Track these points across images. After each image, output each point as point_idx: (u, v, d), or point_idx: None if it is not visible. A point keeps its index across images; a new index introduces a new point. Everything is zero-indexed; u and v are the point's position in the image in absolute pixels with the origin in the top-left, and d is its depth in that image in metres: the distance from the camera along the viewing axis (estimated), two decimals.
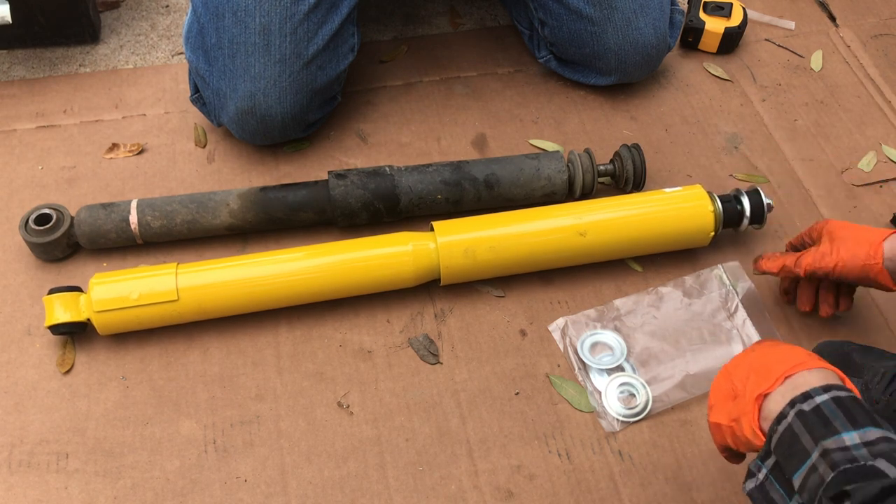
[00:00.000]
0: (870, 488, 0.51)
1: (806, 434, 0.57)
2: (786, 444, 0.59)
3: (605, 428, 0.95)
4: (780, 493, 0.59)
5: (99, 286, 0.94)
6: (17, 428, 0.92)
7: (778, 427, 0.60)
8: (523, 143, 1.25)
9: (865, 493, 0.51)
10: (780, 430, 0.59)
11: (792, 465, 0.58)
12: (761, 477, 0.61)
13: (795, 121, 1.31)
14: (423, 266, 1.01)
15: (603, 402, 0.96)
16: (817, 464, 0.55)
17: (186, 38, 1.14)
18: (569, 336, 1.01)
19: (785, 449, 0.59)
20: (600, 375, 0.98)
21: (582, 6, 1.20)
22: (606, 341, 1.01)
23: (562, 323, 1.03)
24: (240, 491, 0.89)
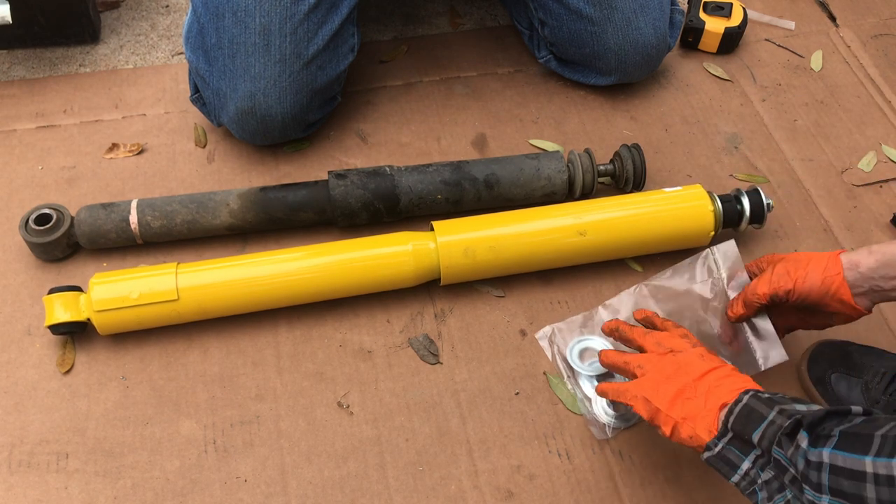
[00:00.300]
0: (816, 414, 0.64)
1: (762, 405, 0.70)
2: (743, 417, 0.71)
3: (595, 436, 0.94)
4: (736, 453, 0.71)
5: (99, 286, 0.94)
6: (17, 428, 0.92)
7: (735, 408, 0.72)
8: (523, 143, 1.25)
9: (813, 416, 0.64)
10: (736, 410, 0.72)
11: (751, 427, 0.69)
12: (717, 449, 0.72)
13: (795, 121, 1.31)
14: (423, 266, 1.01)
15: (593, 408, 0.96)
16: (774, 419, 0.68)
17: (186, 38, 1.14)
18: (556, 344, 1.01)
19: (742, 420, 0.71)
20: (590, 382, 0.98)
21: (582, 6, 1.20)
22: (595, 347, 1.00)
23: (549, 331, 1.02)
24: (240, 491, 0.89)
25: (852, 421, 0.62)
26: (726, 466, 0.72)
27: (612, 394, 0.84)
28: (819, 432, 0.62)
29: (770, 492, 0.68)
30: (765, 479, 0.68)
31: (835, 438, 0.61)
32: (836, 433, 0.61)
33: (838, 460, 0.59)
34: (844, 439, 0.60)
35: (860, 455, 0.57)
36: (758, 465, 0.69)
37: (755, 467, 0.70)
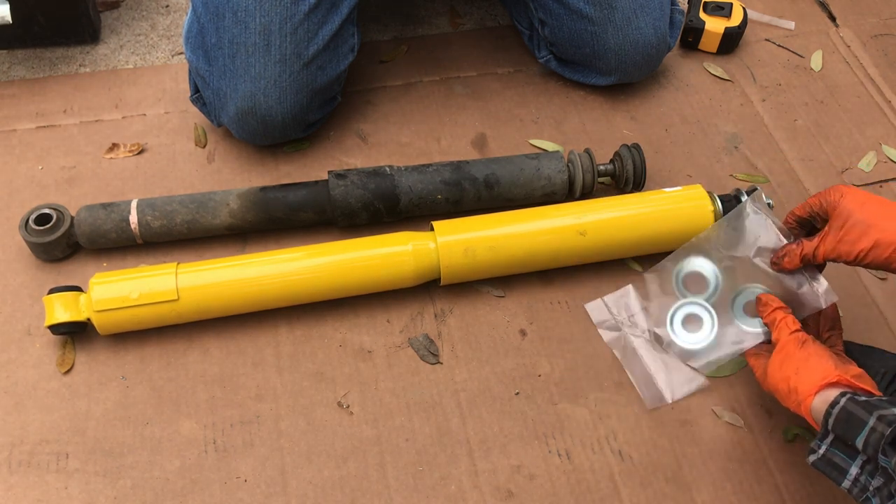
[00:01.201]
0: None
1: (860, 409, 0.71)
2: (843, 421, 0.72)
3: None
4: (842, 457, 0.73)
5: (99, 286, 0.94)
6: (17, 428, 0.92)
7: (833, 410, 0.73)
8: (523, 143, 1.25)
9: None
10: (834, 412, 0.73)
11: (852, 433, 0.70)
12: (822, 451, 0.75)
13: (795, 121, 1.31)
14: (423, 266, 1.01)
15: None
16: (875, 426, 0.68)
17: (186, 38, 1.14)
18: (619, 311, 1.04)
19: (843, 424, 0.72)
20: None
21: (582, 6, 1.20)
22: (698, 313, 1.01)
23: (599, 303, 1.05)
24: (240, 491, 0.89)
25: None
26: (835, 471, 0.73)
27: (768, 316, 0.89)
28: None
29: (882, 499, 0.68)
30: (876, 485, 0.69)
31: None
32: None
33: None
34: None
35: None
36: (866, 472, 0.70)
37: (864, 473, 0.71)
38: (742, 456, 0.94)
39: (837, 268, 1.12)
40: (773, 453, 0.94)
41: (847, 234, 0.84)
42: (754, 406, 0.98)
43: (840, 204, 0.85)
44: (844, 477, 0.72)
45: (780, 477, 0.93)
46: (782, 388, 0.82)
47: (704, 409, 0.97)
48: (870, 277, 1.11)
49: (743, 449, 0.94)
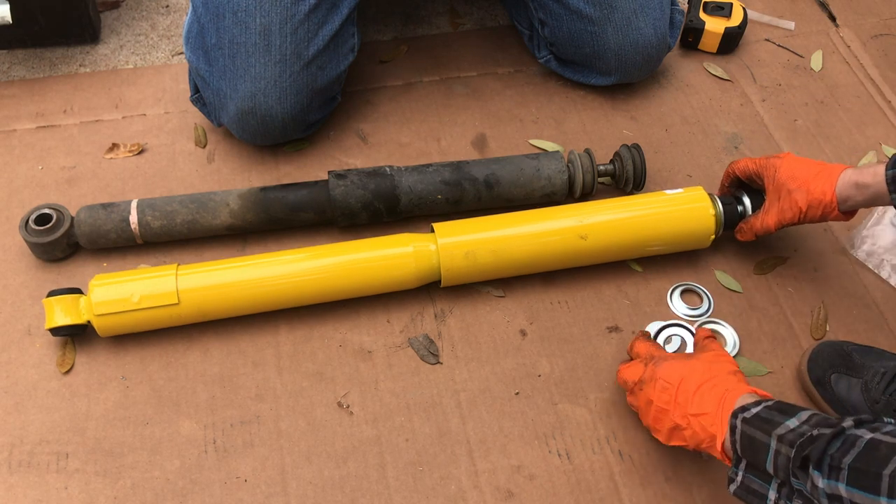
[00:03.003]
0: (819, 444, 0.65)
1: (758, 432, 0.72)
2: (748, 445, 0.73)
3: None
4: (758, 482, 0.73)
5: (99, 288, 0.94)
6: (17, 428, 0.92)
7: (735, 436, 0.74)
8: (523, 143, 1.25)
9: (818, 449, 0.65)
10: (737, 437, 0.74)
11: (759, 458, 0.71)
12: (739, 479, 0.74)
13: (795, 121, 1.31)
14: (424, 268, 1.01)
15: None
16: (779, 448, 0.69)
17: (186, 39, 1.14)
18: None
19: (748, 449, 0.73)
20: None
21: (582, 6, 1.20)
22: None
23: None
24: (240, 491, 0.89)
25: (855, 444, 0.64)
26: (755, 498, 0.73)
27: (629, 373, 0.90)
28: (829, 463, 0.64)
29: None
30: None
31: (845, 472, 0.62)
32: (844, 466, 0.63)
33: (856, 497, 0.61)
34: (855, 476, 0.62)
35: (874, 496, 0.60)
36: (784, 495, 0.70)
37: (782, 497, 0.71)
38: None
39: (838, 268, 1.12)
40: None
41: (784, 203, 0.98)
42: None
43: (776, 178, 0.99)
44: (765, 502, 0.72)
45: None
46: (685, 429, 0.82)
47: None
48: (870, 277, 1.11)
49: None
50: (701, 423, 0.79)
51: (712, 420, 0.78)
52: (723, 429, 0.77)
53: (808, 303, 1.08)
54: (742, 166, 1.05)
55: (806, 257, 1.12)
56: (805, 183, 0.97)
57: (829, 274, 1.11)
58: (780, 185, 0.99)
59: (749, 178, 1.04)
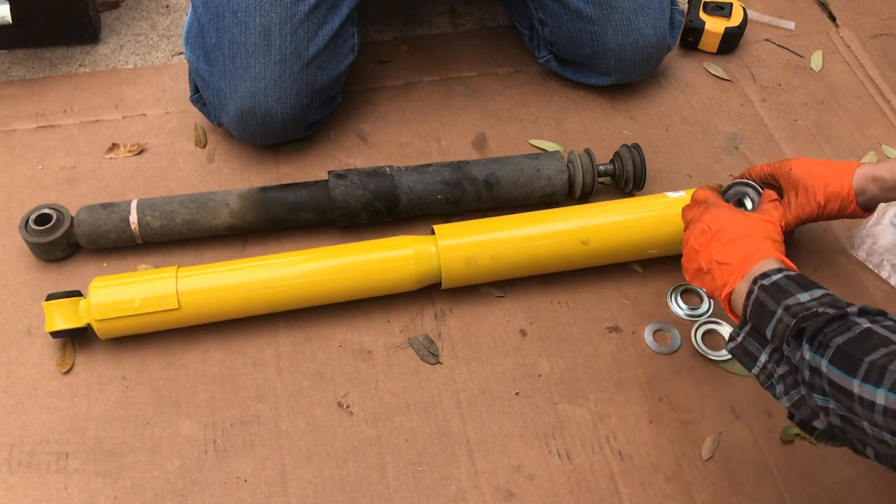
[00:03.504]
0: (819, 320, 0.68)
1: (770, 300, 0.74)
2: (757, 310, 0.76)
3: None
4: (755, 345, 0.77)
5: (98, 292, 0.94)
6: (17, 428, 0.92)
7: (748, 301, 0.77)
8: (523, 143, 1.25)
9: (816, 324, 0.68)
10: (750, 303, 0.77)
11: (763, 323, 0.75)
12: (740, 339, 0.79)
13: (795, 121, 1.31)
14: (424, 271, 1.00)
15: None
16: (782, 317, 0.72)
17: (186, 39, 1.14)
18: None
19: (756, 313, 0.76)
20: None
21: (582, 6, 1.20)
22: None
23: None
24: (240, 491, 0.89)
25: (851, 329, 0.66)
26: (747, 358, 0.78)
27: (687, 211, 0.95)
28: (821, 339, 0.67)
29: (786, 386, 0.72)
30: (781, 373, 0.73)
31: (831, 350, 0.66)
32: (833, 345, 0.66)
33: (833, 375, 0.65)
34: (838, 356, 0.65)
35: (850, 377, 0.63)
36: (774, 359, 0.75)
37: (771, 361, 0.75)
38: (742, 456, 0.94)
39: (838, 268, 1.12)
40: (773, 453, 0.94)
41: (802, 199, 0.98)
42: (754, 406, 0.98)
43: (791, 176, 1.00)
44: (755, 364, 0.76)
45: (780, 477, 0.93)
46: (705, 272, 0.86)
47: (705, 408, 0.97)
48: (870, 277, 1.11)
49: (743, 449, 0.94)
50: (722, 271, 0.82)
51: (731, 271, 0.81)
52: (735, 281, 0.80)
53: None
54: (757, 170, 1.05)
55: (806, 257, 1.12)
56: (822, 178, 0.97)
57: (829, 274, 1.11)
58: (797, 181, 0.99)
59: (764, 179, 1.04)
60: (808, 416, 0.71)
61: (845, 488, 0.92)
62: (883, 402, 0.60)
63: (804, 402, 0.71)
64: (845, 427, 0.66)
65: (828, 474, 0.93)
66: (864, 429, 0.63)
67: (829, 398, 0.66)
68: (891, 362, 0.61)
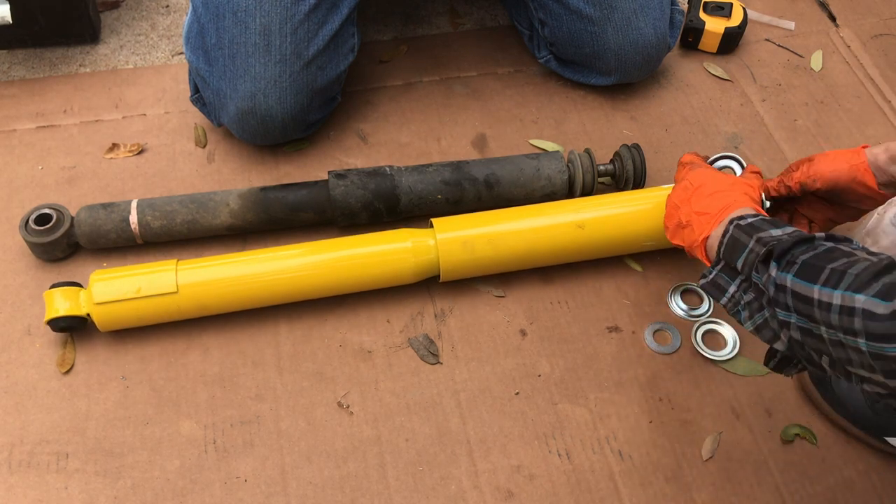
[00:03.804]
0: (787, 242, 0.71)
1: (744, 234, 0.77)
2: (730, 247, 0.78)
3: None
4: (725, 279, 0.79)
5: (99, 281, 0.94)
6: (17, 428, 0.92)
7: (723, 239, 0.80)
8: (523, 143, 1.25)
9: (783, 245, 0.71)
10: (725, 241, 0.79)
11: (735, 255, 0.77)
12: (711, 276, 0.81)
13: (795, 121, 1.31)
14: (423, 262, 1.01)
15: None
16: (753, 247, 0.75)
17: (186, 39, 1.14)
18: None
19: (729, 249, 0.79)
20: None
21: (582, 6, 1.20)
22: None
23: None
24: (240, 491, 0.89)
25: (817, 248, 0.69)
26: (717, 291, 0.80)
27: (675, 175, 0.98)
28: (787, 259, 0.70)
29: (751, 311, 0.75)
30: (747, 300, 0.76)
31: (797, 266, 0.68)
32: (799, 261, 0.68)
33: (797, 287, 0.67)
34: (803, 268, 0.68)
35: (811, 283, 0.66)
36: (741, 289, 0.77)
37: (739, 290, 0.77)
38: (742, 456, 0.94)
39: None
40: (773, 453, 0.94)
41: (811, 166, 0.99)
42: (754, 406, 0.98)
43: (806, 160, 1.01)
44: (723, 294, 0.79)
45: (780, 477, 0.93)
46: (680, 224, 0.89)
47: (705, 408, 0.97)
48: None
49: (743, 449, 0.94)
50: (700, 221, 0.85)
51: (709, 219, 0.84)
52: (712, 227, 0.83)
53: None
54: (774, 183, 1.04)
55: None
56: (833, 151, 1.00)
57: None
58: (810, 156, 1.01)
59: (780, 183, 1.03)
60: (770, 337, 0.73)
61: (845, 488, 0.92)
62: (839, 302, 0.62)
63: (767, 325, 0.73)
64: (804, 339, 0.68)
65: (828, 474, 0.93)
66: (822, 335, 0.65)
67: (791, 313, 0.69)
68: (850, 267, 0.63)
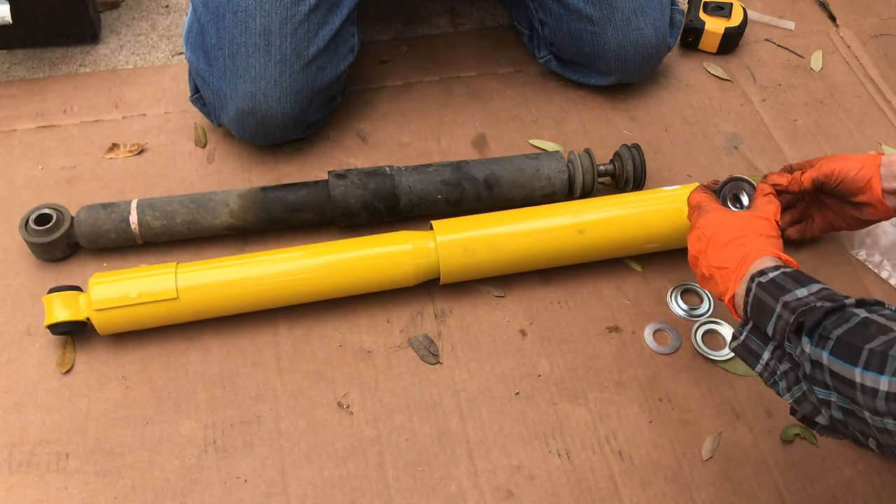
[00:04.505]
0: (817, 313, 0.69)
1: (768, 297, 0.75)
2: (756, 308, 0.77)
3: None
4: (757, 343, 0.78)
5: (98, 285, 0.94)
6: (17, 428, 0.92)
7: (748, 299, 0.78)
8: (523, 143, 1.25)
9: (814, 317, 0.68)
10: (749, 301, 0.78)
11: (764, 320, 0.76)
12: (742, 338, 0.79)
13: (795, 121, 1.31)
14: (423, 265, 1.01)
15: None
16: (781, 313, 0.73)
17: (186, 39, 1.14)
18: None
19: (756, 311, 0.77)
20: None
21: (582, 6, 1.20)
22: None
23: None
24: (240, 491, 0.89)
25: (850, 321, 0.67)
26: (750, 356, 0.78)
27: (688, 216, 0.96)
28: (820, 332, 0.68)
29: (789, 383, 0.73)
30: (783, 370, 0.74)
31: (831, 342, 0.66)
32: (833, 336, 0.66)
33: (834, 366, 0.65)
34: (839, 346, 0.66)
35: (851, 365, 0.64)
36: (776, 356, 0.75)
37: (773, 358, 0.75)
38: (742, 456, 0.94)
39: (838, 268, 1.12)
40: (773, 453, 0.94)
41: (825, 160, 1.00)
42: (754, 406, 0.98)
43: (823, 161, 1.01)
44: (758, 361, 0.77)
45: (780, 477, 0.93)
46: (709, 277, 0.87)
47: (705, 408, 0.97)
48: (870, 277, 1.11)
49: (743, 449, 0.94)
50: (721, 275, 0.84)
51: (730, 275, 0.82)
52: (735, 285, 0.81)
53: None
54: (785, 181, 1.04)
55: (806, 257, 1.12)
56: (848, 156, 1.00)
57: (829, 274, 1.11)
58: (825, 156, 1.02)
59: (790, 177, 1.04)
60: (810, 411, 0.72)
61: (845, 488, 0.92)
62: (886, 388, 0.60)
63: (806, 398, 0.71)
64: (847, 420, 0.67)
65: (828, 474, 0.93)
66: (866, 419, 0.64)
67: (830, 391, 0.67)
68: (891, 348, 0.62)
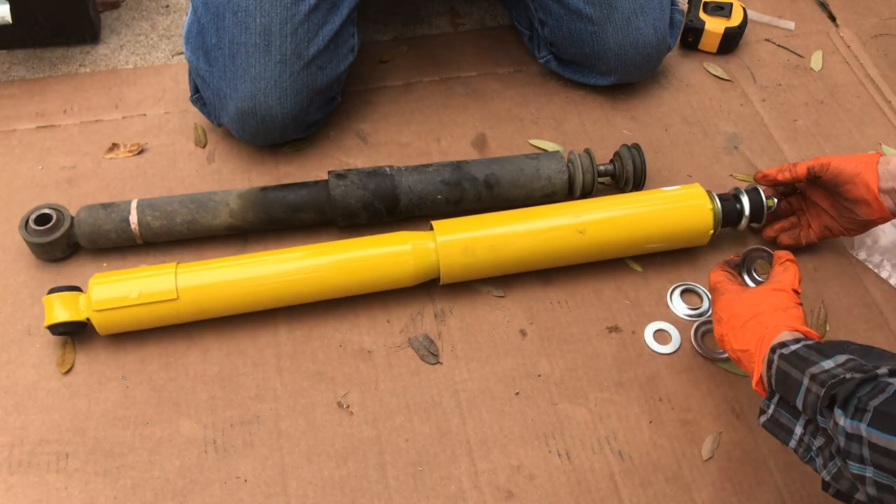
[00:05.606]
0: (849, 385, 0.67)
1: (793, 369, 0.73)
2: (781, 381, 0.75)
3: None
4: (787, 417, 0.76)
5: (98, 286, 0.94)
6: (17, 428, 0.92)
7: (771, 371, 0.77)
8: (523, 143, 1.25)
9: (847, 389, 0.67)
10: (773, 373, 0.76)
11: (791, 394, 0.74)
12: (770, 411, 0.77)
13: (795, 121, 1.31)
14: (423, 265, 1.01)
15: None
16: (809, 386, 0.71)
17: (186, 39, 1.14)
18: None
19: (781, 384, 0.75)
20: None
21: (582, 6, 1.20)
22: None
23: None
24: (240, 491, 0.89)
25: (885, 390, 0.65)
26: (782, 432, 0.76)
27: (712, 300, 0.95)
28: (855, 405, 0.66)
29: (825, 458, 0.71)
30: (818, 445, 0.72)
31: (869, 414, 0.64)
32: (870, 408, 0.64)
33: (874, 438, 0.63)
34: (878, 418, 0.63)
35: (892, 436, 0.62)
36: (809, 431, 0.73)
37: (807, 433, 0.73)
38: (742, 456, 0.94)
39: (838, 268, 1.12)
40: (773, 453, 0.94)
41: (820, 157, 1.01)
42: (754, 406, 0.98)
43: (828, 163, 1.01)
44: (791, 437, 0.75)
45: (780, 477, 0.93)
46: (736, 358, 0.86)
47: (705, 409, 0.97)
48: (870, 277, 1.11)
49: (743, 449, 0.95)
50: (746, 358, 0.83)
51: (752, 357, 0.81)
52: (759, 366, 0.79)
53: (808, 303, 1.08)
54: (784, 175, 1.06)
55: (806, 257, 1.12)
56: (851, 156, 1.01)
57: (829, 274, 1.11)
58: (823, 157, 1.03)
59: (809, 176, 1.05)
60: (848, 488, 0.69)
61: None
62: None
63: (842, 475, 0.69)
64: (882, 496, 0.64)
65: None
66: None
67: (866, 466, 0.64)
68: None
